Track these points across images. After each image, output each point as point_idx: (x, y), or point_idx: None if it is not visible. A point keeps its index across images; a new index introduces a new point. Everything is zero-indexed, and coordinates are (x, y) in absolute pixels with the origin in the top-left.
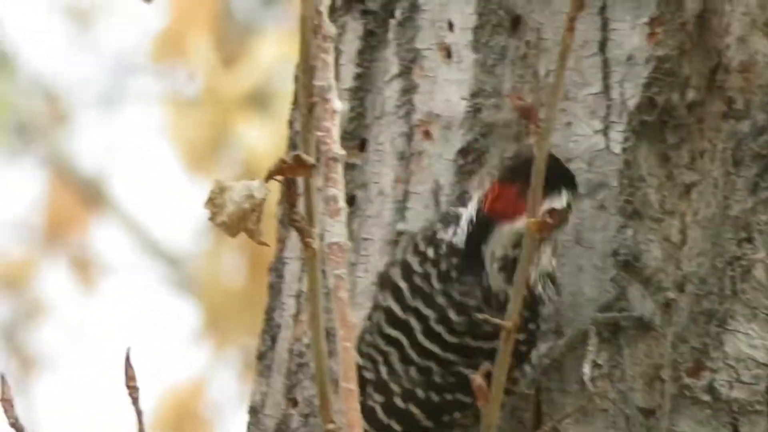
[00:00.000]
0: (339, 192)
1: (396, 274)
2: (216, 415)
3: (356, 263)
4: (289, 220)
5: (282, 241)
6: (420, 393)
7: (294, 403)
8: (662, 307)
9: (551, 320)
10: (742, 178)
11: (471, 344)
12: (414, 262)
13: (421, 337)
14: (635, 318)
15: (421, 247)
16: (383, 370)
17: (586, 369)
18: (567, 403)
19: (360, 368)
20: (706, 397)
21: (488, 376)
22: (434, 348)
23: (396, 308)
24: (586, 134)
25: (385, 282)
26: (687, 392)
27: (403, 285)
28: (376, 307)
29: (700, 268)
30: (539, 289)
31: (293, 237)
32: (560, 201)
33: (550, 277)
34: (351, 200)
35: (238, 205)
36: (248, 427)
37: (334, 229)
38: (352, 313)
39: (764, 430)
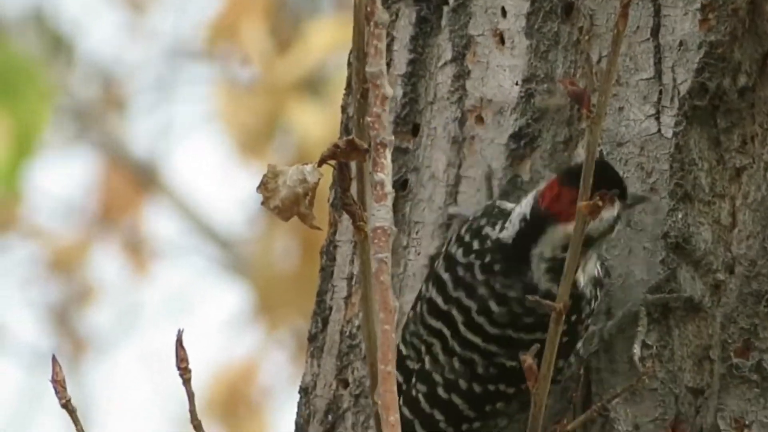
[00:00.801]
0: (386, 177)
1: (440, 265)
2: (267, 398)
3: (408, 246)
4: (341, 204)
5: (334, 225)
6: (462, 384)
7: (345, 384)
8: (711, 289)
9: (602, 301)
10: None
11: (513, 336)
12: (458, 253)
13: (463, 329)
14: (685, 299)
15: (467, 238)
16: (427, 360)
17: (636, 349)
18: (616, 383)
19: (404, 357)
20: (755, 377)
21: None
22: (476, 339)
23: (438, 299)
24: (638, 119)
25: (429, 273)
26: (735, 372)
27: (445, 276)
28: (420, 297)
29: (750, 250)
30: (584, 289)
31: (345, 221)
32: (612, 211)
33: (597, 282)
34: (404, 184)
35: (291, 189)
36: (299, 408)
37: (380, 214)
38: (394, 297)
39: None
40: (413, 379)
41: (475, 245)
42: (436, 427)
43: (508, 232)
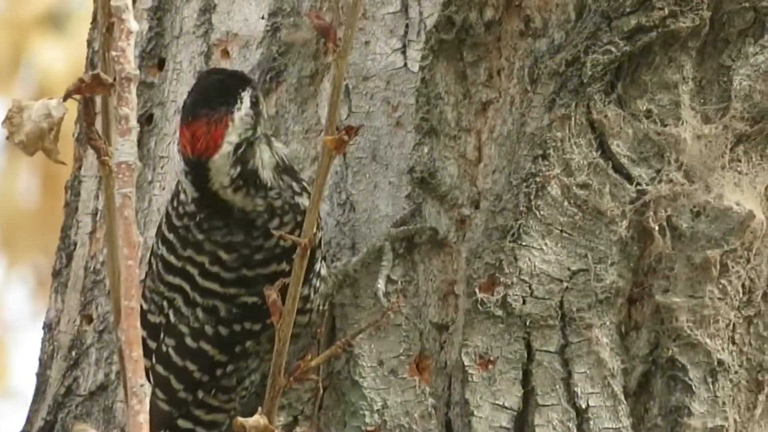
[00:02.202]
0: (131, 112)
1: (163, 223)
2: (8, 334)
3: (152, 181)
4: (86, 138)
5: (79, 160)
6: (209, 329)
7: (89, 320)
8: (457, 224)
9: (347, 236)
10: (538, 96)
11: (248, 274)
12: (173, 215)
13: (200, 280)
14: (429, 229)
15: (175, 202)
16: (171, 314)
17: (381, 284)
18: (361, 319)
19: (146, 312)
20: (500, 312)
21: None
22: (214, 286)
23: (171, 258)
24: (384, 53)
25: (157, 230)
26: (481, 307)
27: (170, 236)
28: (154, 253)
29: (496, 185)
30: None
31: (90, 156)
32: (245, 104)
33: (284, 169)
34: (149, 119)
35: (36, 124)
36: (43, 345)
37: (124, 149)
38: (138, 233)
39: (557, 344)
40: (161, 335)
41: (181, 209)
42: (191, 379)
43: (189, 189)
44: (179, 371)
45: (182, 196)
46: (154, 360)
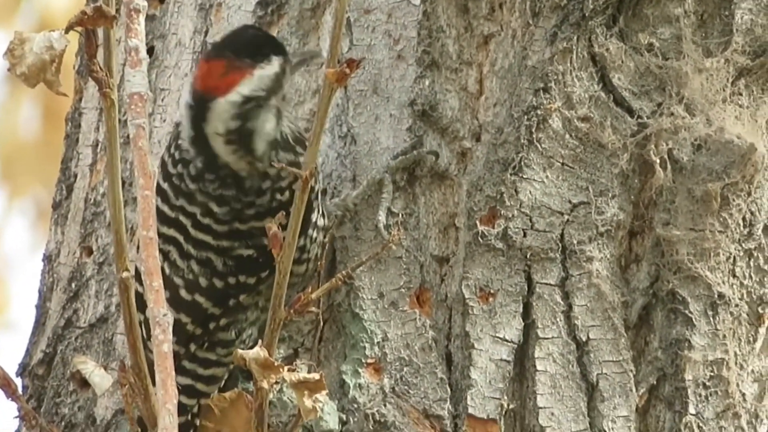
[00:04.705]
0: (140, 43)
1: (158, 174)
2: (8, 266)
3: (153, 113)
4: (87, 70)
5: (80, 92)
6: (203, 282)
7: (89, 251)
8: (458, 156)
9: (348, 169)
10: (540, 29)
11: (241, 228)
12: (169, 163)
13: (193, 231)
14: (429, 152)
15: (173, 147)
16: (166, 266)
17: (381, 217)
18: (362, 251)
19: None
20: (500, 245)
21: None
22: (207, 238)
23: (165, 208)
24: None
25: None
26: (481, 240)
27: (165, 185)
28: None
29: (497, 118)
30: (264, 157)
31: (91, 87)
32: (272, 67)
33: (279, 145)
34: (150, 51)
35: (38, 56)
36: (42, 276)
37: (135, 80)
38: (152, 163)
39: (557, 276)
40: None
41: (176, 154)
42: (184, 331)
43: (186, 126)
44: (173, 323)
45: (181, 141)
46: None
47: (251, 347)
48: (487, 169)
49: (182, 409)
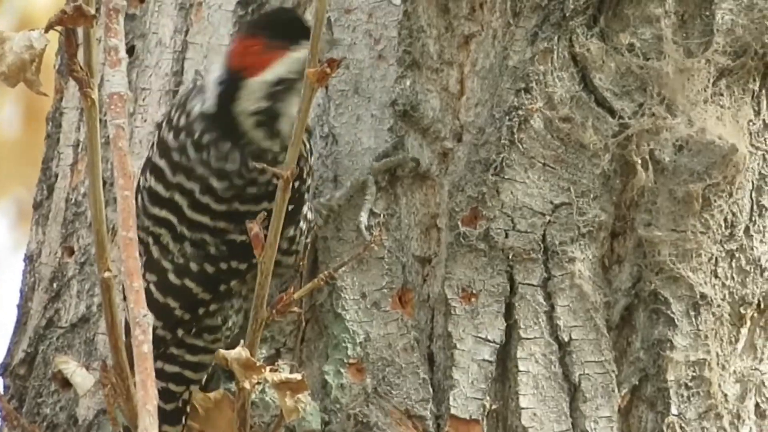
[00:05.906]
0: (120, 42)
1: (155, 153)
2: None
3: (134, 113)
4: (68, 70)
5: (60, 92)
6: (194, 266)
7: (70, 251)
8: (439, 157)
9: (329, 169)
10: (521, 29)
11: (240, 209)
12: (169, 138)
13: (189, 212)
14: (411, 159)
15: (175, 119)
16: (155, 250)
17: (363, 217)
18: (344, 252)
19: None
20: (482, 245)
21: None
22: (204, 219)
23: (159, 188)
24: None
25: (145, 162)
26: (463, 240)
27: (161, 163)
28: (139, 189)
29: (478, 118)
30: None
31: (71, 87)
32: (305, 51)
33: (307, 129)
34: (130, 51)
35: (18, 55)
36: (24, 276)
37: (115, 80)
38: (132, 163)
39: (539, 277)
40: (142, 270)
41: (182, 122)
42: (172, 316)
43: (210, 101)
44: (159, 308)
45: (190, 109)
46: None
47: (236, 335)
48: (469, 169)
49: (171, 396)
